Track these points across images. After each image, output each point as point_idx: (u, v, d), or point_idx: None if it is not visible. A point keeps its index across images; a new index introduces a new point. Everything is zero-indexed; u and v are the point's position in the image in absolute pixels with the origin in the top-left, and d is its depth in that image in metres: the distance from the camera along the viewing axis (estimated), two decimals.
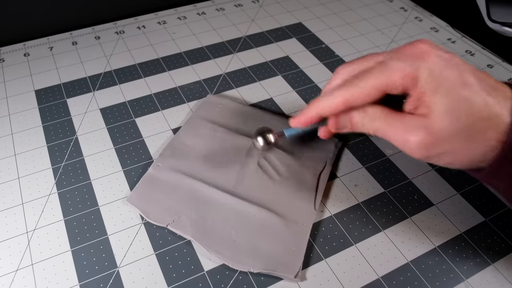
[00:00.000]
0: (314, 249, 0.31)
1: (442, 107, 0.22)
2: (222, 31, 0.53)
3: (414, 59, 0.23)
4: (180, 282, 0.29)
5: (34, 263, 0.30)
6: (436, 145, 0.23)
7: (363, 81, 0.24)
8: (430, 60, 0.23)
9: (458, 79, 0.23)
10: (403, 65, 0.23)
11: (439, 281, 0.29)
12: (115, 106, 0.42)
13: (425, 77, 0.23)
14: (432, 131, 0.23)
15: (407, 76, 0.23)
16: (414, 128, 0.23)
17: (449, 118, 0.22)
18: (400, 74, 0.23)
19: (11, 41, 0.50)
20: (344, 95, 0.25)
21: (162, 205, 0.32)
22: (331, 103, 0.25)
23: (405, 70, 0.23)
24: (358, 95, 0.24)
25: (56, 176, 0.35)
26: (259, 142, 0.25)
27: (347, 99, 0.25)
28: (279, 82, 0.45)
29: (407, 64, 0.23)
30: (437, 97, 0.23)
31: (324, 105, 0.26)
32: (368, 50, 0.50)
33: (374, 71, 0.24)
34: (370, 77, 0.24)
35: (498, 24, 0.52)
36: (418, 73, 0.23)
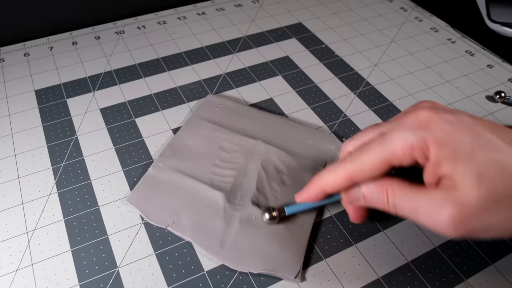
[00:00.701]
0: (314, 249, 0.31)
1: (468, 177, 0.20)
2: (222, 31, 0.53)
3: (417, 128, 0.21)
4: (180, 282, 0.29)
5: (34, 263, 0.30)
6: (473, 220, 0.20)
7: (364, 155, 0.23)
8: (436, 127, 0.21)
9: (476, 141, 0.20)
10: (405, 136, 0.21)
11: (439, 281, 0.29)
12: (115, 106, 0.42)
13: (435, 147, 0.21)
14: (465, 205, 0.20)
15: (412, 148, 0.21)
16: (443, 203, 0.20)
17: (481, 187, 0.20)
18: (402, 145, 0.21)
19: (11, 41, 0.50)
20: (346, 170, 0.23)
21: (162, 206, 0.32)
22: (334, 178, 0.24)
23: (408, 142, 0.21)
24: (361, 170, 0.23)
25: (56, 176, 0.35)
26: (265, 216, 0.30)
27: (350, 174, 0.23)
28: (279, 82, 0.45)
29: (410, 135, 0.21)
30: (458, 166, 0.20)
31: (326, 181, 0.25)
32: (368, 50, 0.50)
33: (374, 144, 0.23)
34: (371, 150, 0.23)
35: (498, 24, 0.52)
36: (425, 143, 0.21)
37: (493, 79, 0.46)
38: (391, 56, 0.49)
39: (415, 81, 0.46)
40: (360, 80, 0.46)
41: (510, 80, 0.46)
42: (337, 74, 0.46)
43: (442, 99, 0.43)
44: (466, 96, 0.44)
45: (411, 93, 0.44)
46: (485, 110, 0.42)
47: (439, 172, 0.21)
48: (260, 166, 0.35)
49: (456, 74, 0.47)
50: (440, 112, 0.22)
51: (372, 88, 0.45)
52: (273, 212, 0.30)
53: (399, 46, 0.51)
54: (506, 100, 0.43)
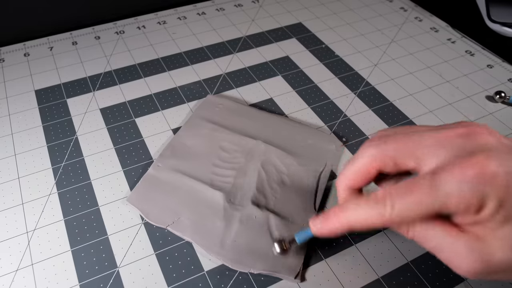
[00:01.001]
0: (314, 249, 0.31)
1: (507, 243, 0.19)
2: (222, 31, 0.53)
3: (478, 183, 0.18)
4: (180, 282, 0.29)
5: (34, 263, 0.30)
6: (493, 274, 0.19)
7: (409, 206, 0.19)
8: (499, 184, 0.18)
9: None
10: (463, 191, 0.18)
11: (439, 281, 0.29)
12: (115, 106, 0.42)
13: (493, 208, 0.18)
14: (490, 261, 0.19)
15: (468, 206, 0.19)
16: (468, 253, 0.19)
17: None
18: (459, 202, 0.19)
19: (11, 41, 0.50)
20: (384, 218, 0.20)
21: (162, 206, 0.32)
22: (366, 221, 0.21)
23: (466, 199, 0.18)
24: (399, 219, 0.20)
25: (56, 176, 0.35)
26: (276, 249, 0.28)
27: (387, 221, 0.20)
28: (279, 82, 0.45)
29: (469, 190, 0.18)
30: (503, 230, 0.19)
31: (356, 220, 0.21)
32: (368, 50, 0.50)
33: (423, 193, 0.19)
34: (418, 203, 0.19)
35: (498, 24, 0.52)
36: (484, 202, 0.18)
37: (493, 79, 0.46)
38: (391, 56, 0.49)
39: (415, 81, 0.46)
40: (360, 80, 0.46)
41: (510, 80, 0.46)
42: (337, 74, 0.46)
43: (442, 99, 0.43)
44: (466, 96, 0.44)
45: (411, 93, 0.44)
46: (485, 110, 0.42)
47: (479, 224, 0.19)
48: (260, 166, 0.35)
49: (456, 74, 0.47)
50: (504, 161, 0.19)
51: (372, 88, 0.45)
52: (284, 244, 0.27)
53: (399, 46, 0.51)
54: (506, 100, 0.43)
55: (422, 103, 0.43)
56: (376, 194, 0.21)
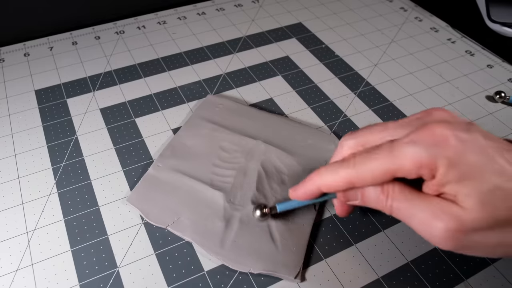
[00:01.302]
0: (314, 249, 0.31)
1: (473, 200, 0.20)
2: (222, 31, 0.53)
3: (429, 145, 0.20)
4: (180, 282, 0.29)
5: (34, 263, 0.30)
6: (466, 236, 0.20)
7: (369, 162, 0.22)
8: (449, 145, 0.20)
9: (486, 164, 0.20)
10: (416, 152, 0.20)
11: (439, 281, 0.29)
12: (115, 106, 0.42)
13: (444, 167, 0.20)
14: (462, 222, 0.20)
15: (421, 166, 0.20)
16: (442, 213, 0.20)
17: (482, 211, 0.20)
18: (411, 161, 0.20)
19: (11, 41, 0.50)
20: (347, 174, 0.23)
21: (162, 206, 0.32)
22: (333, 179, 0.23)
23: (418, 158, 0.20)
24: (363, 178, 0.22)
25: (56, 176, 0.35)
26: (256, 213, 0.30)
27: (351, 179, 0.23)
28: (279, 82, 0.45)
29: (421, 151, 0.20)
30: (464, 188, 0.20)
31: (325, 180, 0.24)
32: (368, 50, 0.50)
33: (382, 153, 0.22)
34: (377, 159, 0.22)
35: (498, 24, 0.52)
36: (435, 162, 0.20)
37: (493, 79, 0.46)
38: (391, 56, 0.49)
39: (415, 81, 0.46)
40: (360, 80, 0.46)
41: (510, 80, 0.46)
42: (337, 74, 0.46)
43: (442, 99, 0.43)
44: (466, 96, 0.44)
45: (411, 93, 0.44)
46: (485, 110, 0.42)
47: (443, 190, 0.21)
48: (260, 166, 0.35)
49: (456, 74, 0.47)
50: (456, 128, 0.21)
51: (372, 88, 0.45)
52: (264, 209, 0.29)
53: (399, 46, 0.51)
54: (506, 100, 0.43)
55: (422, 103, 0.43)
56: (344, 156, 0.24)
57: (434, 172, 0.20)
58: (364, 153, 0.23)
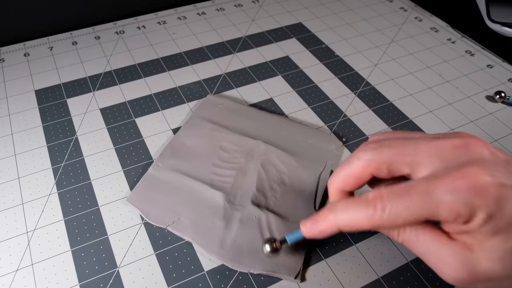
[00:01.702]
0: (314, 249, 0.31)
1: (496, 254, 0.19)
2: (222, 31, 0.53)
3: (469, 194, 0.18)
4: (180, 282, 0.29)
5: (34, 263, 0.30)
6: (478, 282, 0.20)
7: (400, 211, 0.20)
8: (490, 196, 0.18)
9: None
10: (455, 202, 0.19)
11: (439, 281, 0.29)
12: (115, 106, 0.42)
13: (482, 219, 0.19)
14: (476, 271, 0.19)
15: (458, 216, 0.19)
16: (454, 261, 0.19)
17: (502, 265, 0.19)
18: (449, 212, 0.19)
19: (11, 41, 0.50)
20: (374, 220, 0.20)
21: (162, 206, 0.32)
22: (355, 223, 0.21)
23: (457, 209, 0.19)
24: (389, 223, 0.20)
25: (56, 176, 0.35)
26: (266, 248, 0.27)
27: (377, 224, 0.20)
28: (279, 82, 0.45)
29: (460, 201, 0.18)
30: (493, 241, 0.19)
31: (346, 222, 0.21)
32: (368, 50, 0.50)
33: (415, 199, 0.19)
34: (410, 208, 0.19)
35: (498, 24, 0.52)
36: (473, 213, 0.19)
37: (493, 79, 0.46)
38: (391, 56, 0.49)
39: (415, 81, 0.46)
40: (360, 80, 0.46)
41: (510, 80, 0.46)
42: (337, 74, 0.46)
43: (442, 99, 0.43)
44: (466, 96, 0.44)
45: (411, 93, 0.44)
46: (485, 110, 0.42)
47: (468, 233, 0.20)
48: (260, 166, 0.35)
49: (456, 74, 0.47)
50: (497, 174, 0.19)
51: (372, 88, 0.45)
52: (275, 243, 0.27)
53: (399, 46, 0.51)
54: (506, 100, 0.43)
55: (422, 103, 0.43)
56: (367, 196, 0.21)
57: (469, 221, 0.19)
58: (394, 198, 0.20)
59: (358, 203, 0.21)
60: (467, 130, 0.40)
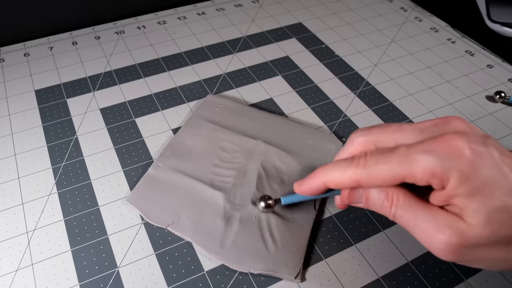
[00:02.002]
0: (314, 249, 0.31)
1: (479, 216, 0.19)
2: (222, 31, 0.53)
3: (443, 155, 0.20)
4: (180, 282, 0.29)
5: (34, 263, 0.30)
6: (468, 251, 0.20)
7: (381, 165, 0.21)
8: (463, 158, 0.20)
9: (498, 181, 0.19)
10: (429, 161, 0.20)
11: (439, 281, 0.29)
12: (115, 106, 0.42)
13: (456, 180, 0.20)
14: (465, 237, 0.20)
15: (433, 175, 0.20)
16: (445, 226, 0.20)
17: (487, 228, 0.19)
18: (424, 171, 0.20)
19: (11, 41, 0.50)
20: (356, 174, 0.22)
21: (162, 206, 0.32)
22: (341, 177, 0.23)
23: (431, 168, 0.20)
24: (372, 180, 0.22)
25: (56, 176, 0.35)
26: (260, 204, 0.30)
27: (359, 179, 0.22)
28: (279, 82, 0.45)
29: (434, 161, 0.20)
30: (473, 203, 0.20)
31: (332, 177, 0.23)
32: (368, 50, 0.50)
33: (394, 158, 0.21)
34: (389, 163, 0.21)
35: (498, 24, 0.52)
36: (448, 174, 0.20)
37: (493, 79, 0.46)
38: (391, 56, 0.49)
39: (415, 81, 0.46)
40: (360, 80, 0.46)
41: (510, 80, 0.46)
42: (337, 74, 0.46)
43: (442, 99, 0.43)
44: (466, 96, 0.44)
45: (411, 93, 0.44)
46: (485, 110, 0.42)
47: (451, 201, 0.20)
48: (260, 166, 0.35)
49: (456, 74, 0.47)
50: (472, 141, 0.20)
51: (372, 88, 0.45)
52: (269, 201, 0.29)
53: (399, 46, 0.51)
54: (506, 100, 0.43)
55: (422, 103, 0.43)
56: (355, 155, 0.23)
57: (445, 183, 0.20)
58: (376, 154, 0.22)
59: (346, 160, 0.23)
60: None
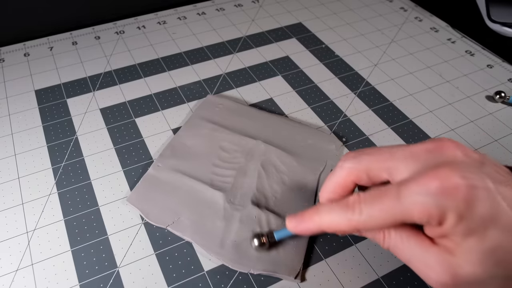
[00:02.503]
0: (314, 249, 0.31)
1: (474, 256, 0.19)
2: (222, 31, 0.53)
3: (439, 194, 0.19)
4: (180, 282, 0.29)
5: (34, 263, 0.30)
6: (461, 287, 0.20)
7: (376, 210, 0.21)
8: (459, 196, 0.19)
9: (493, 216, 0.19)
10: (425, 202, 0.19)
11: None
12: (115, 106, 0.42)
13: (452, 219, 0.19)
14: (458, 275, 0.19)
15: (430, 216, 0.19)
16: (437, 264, 0.20)
17: (481, 267, 0.19)
18: (420, 212, 0.19)
19: (11, 41, 0.50)
20: (352, 221, 0.21)
21: (162, 206, 0.32)
22: (336, 224, 0.22)
23: (427, 209, 0.19)
24: (369, 225, 0.21)
25: (56, 176, 0.35)
26: (254, 243, 0.29)
27: (356, 226, 0.21)
28: (279, 82, 0.45)
29: (430, 202, 0.19)
30: (468, 243, 0.19)
31: (327, 224, 0.23)
32: (368, 50, 0.50)
33: (388, 200, 0.20)
34: (384, 208, 0.20)
35: (498, 24, 0.52)
36: (444, 214, 0.19)
37: (493, 79, 0.46)
38: (391, 56, 0.49)
39: (415, 81, 0.46)
40: (360, 80, 0.46)
41: (510, 80, 0.46)
42: (337, 74, 0.46)
43: (442, 99, 0.43)
44: (466, 96, 0.44)
45: (411, 93, 0.44)
46: (485, 110, 0.42)
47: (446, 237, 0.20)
48: (260, 166, 0.35)
49: (456, 74, 0.47)
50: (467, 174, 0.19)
51: (372, 88, 0.45)
52: (262, 238, 0.29)
53: (399, 46, 0.51)
54: (506, 100, 0.43)
55: (422, 103, 0.43)
56: (348, 200, 0.22)
57: (442, 222, 0.19)
58: (369, 199, 0.21)
59: (340, 206, 0.22)
60: (467, 130, 0.40)
